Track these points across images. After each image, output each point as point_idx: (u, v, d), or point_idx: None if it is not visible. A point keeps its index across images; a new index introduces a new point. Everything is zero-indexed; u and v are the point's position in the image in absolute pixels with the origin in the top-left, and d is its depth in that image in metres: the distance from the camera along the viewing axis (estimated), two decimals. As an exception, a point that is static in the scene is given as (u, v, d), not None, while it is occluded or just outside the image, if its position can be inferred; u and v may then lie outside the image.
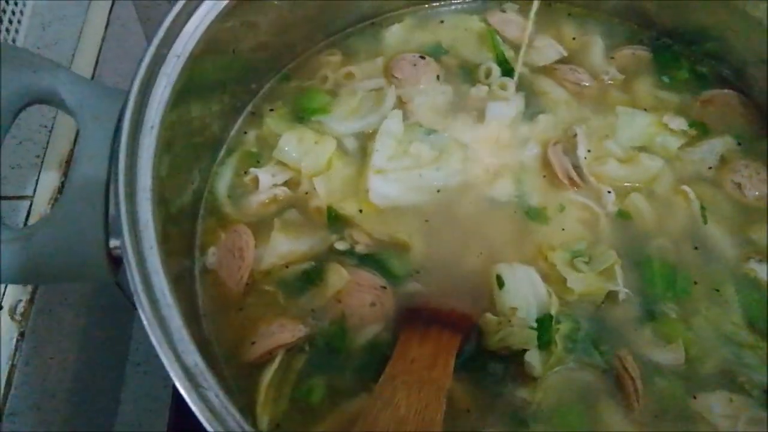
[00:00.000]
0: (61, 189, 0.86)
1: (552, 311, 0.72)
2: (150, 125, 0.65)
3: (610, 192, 0.81)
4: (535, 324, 0.71)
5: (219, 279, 0.77)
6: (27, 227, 0.83)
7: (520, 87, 0.90)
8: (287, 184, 0.83)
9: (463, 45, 0.95)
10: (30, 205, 0.85)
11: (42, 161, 0.88)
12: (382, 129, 0.84)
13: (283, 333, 0.71)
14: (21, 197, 0.85)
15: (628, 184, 0.83)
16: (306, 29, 0.92)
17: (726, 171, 0.85)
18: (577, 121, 0.87)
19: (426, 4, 1.00)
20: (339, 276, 0.75)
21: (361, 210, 0.80)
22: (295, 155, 0.83)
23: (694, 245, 0.79)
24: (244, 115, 0.89)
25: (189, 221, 0.80)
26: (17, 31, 0.98)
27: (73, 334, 0.94)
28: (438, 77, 0.91)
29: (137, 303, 0.56)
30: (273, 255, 0.77)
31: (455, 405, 0.68)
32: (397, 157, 0.82)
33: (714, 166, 0.85)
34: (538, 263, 0.76)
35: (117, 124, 0.64)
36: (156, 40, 0.68)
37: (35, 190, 0.86)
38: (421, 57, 0.92)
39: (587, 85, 0.91)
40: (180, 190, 0.76)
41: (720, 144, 0.87)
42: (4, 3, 0.94)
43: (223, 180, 0.84)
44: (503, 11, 0.98)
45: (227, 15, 0.75)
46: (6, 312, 0.80)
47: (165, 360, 0.53)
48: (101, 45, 1.03)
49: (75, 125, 0.90)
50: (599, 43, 0.95)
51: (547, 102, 0.90)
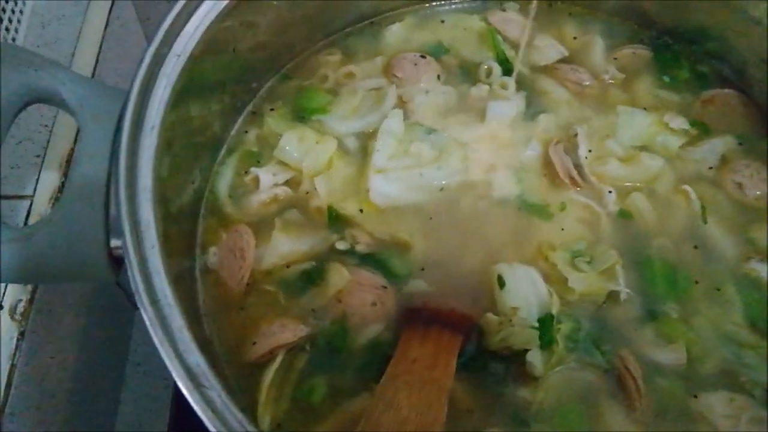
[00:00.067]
0: (62, 189, 0.86)
1: (553, 311, 0.71)
2: (150, 125, 0.65)
3: (611, 191, 0.81)
4: (537, 324, 0.70)
5: (220, 279, 0.76)
6: (27, 227, 0.82)
7: (521, 86, 0.90)
8: (288, 183, 0.83)
9: (464, 44, 0.95)
10: (30, 205, 0.85)
11: (42, 161, 0.88)
12: (382, 128, 0.84)
13: (284, 333, 0.71)
14: (21, 197, 0.85)
15: (629, 183, 0.83)
16: (305, 29, 0.92)
17: (727, 171, 0.85)
18: (578, 121, 0.87)
19: (426, 3, 1.00)
20: (340, 276, 0.75)
21: (362, 209, 0.80)
22: (296, 155, 0.83)
23: (694, 245, 0.79)
24: (244, 115, 0.89)
25: (190, 221, 0.80)
26: (17, 31, 0.98)
27: (73, 334, 0.94)
28: (439, 77, 0.91)
29: (139, 303, 0.56)
30: (274, 255, 0.77)
31: (457, 405, 0.68)
32: (398, 157, 0.82)
33: (715, 165, 0.85)
34: (539, 263, 0.76)
35: (117, 124, 0.64)
36: (156, 39, 0.68)
37: (35, 189, 0.86)
38: (422, 56, 0.92)
39: (588, 85, 0.91)
40: (180, 189, 0.76)
41: (721, 143, 0.86)
42: (3, 2, 0.94)
43: (224, 180, 0.84)
44: (504, 10, 0.98)
45: (227, 15, 0.74)
46: (6, 312, 0.79)
47: (167, 360, 0.53)
48: (101, 44, 1.03)
49: (75, 125, 0.90)
50: (600, 43, 0.95)
51: (548, 101, 0.89)
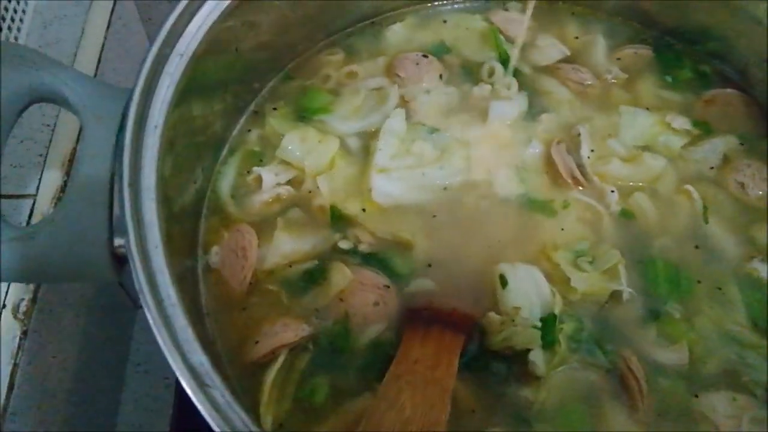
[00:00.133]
0: (64, 188, 0.86)
1: (556, 311, 0.71)
2: (154, 125, 0.64)
3: (613, 191, 0.81)
4: (539, 323, 0.70)
5: (222, 278, 0.76)
6: (30, 226, 0.83)
7: (523, 86, 0.90)
8: (290, 183, 0.83)
9: (466, 44, 0.95)
10: (33, 204, 0.85)
11: (45, 160, 0.88)
12: (384, 128, 0.84)
13: (287, 332, 0.71)
14: (23, 196, 0.85)
15: (631, 183, 0.83)
16: (307, 29, 0.92)
17: (729, 170, 0.85)
18: (581, 121, 0.87)
19: (428, 3, 1.00)
20: (342, 275, 0.75)
21: (364, 209, 0.80)
22: (299, 154, 0.83)
23: (696, 245, 0.79)
24: (246, 114, 0.89)
25: (192, 220, 0.79)
26: (19, 30, 0.98)
27: (74, 333, 0.94)
28: (441, 76, 0.91)
29: (143, 302, 0.55)
30: (276, 254, 0.77)
31: (459, 405, 0.67)
32: (400, 156, 0.82)
33: (716, 165, 0.85)
34: (541, 263, 0.76)
35: (121, 123, 0.64)
36: (159, 39, 0.68)
37: (38, 188, 0.86)
38: (424, 56, 0.92)
39: (590, 84, 0.91)
40: (183, 189, 0.76)
41: (723, 143, 0.86)
42: (6, 2, 0.94)
43: (226, 179, 0.84)
44: (506, 10, 0.98)
45: (229, 15, 0.74)
46: (9, 311, 0.79)
47: (171, 360, 0.53)
48: (103, 44, 1.03)
49: (77, 124, 0.90)
50: (602, 43, 0.95)
51: (550, 101, 0.89)
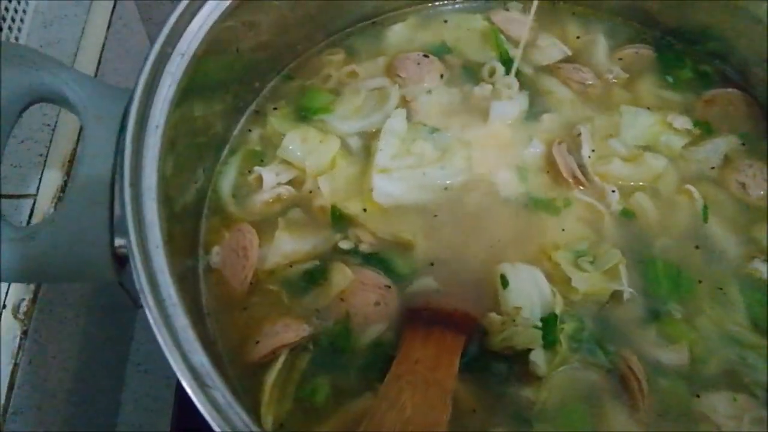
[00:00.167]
0: (65, 188, 0.86)
1: (557, 311, 0.71)
2: (155, 125, 0.64)
3: (614, 191, 0.81)
4: (540, 324, 0.70)
5: (223, 278, 0.76)
6: (30, 226, 0.83)
7: (524, 86, 0.90)
8: (291, 183, 0.82)
9: (467, 44, 0.95)
10: (33, 204, 0.85)
11: (45, 160, 0.88)
12: (385, 128, 0.83)
13: (287, 332, 0.71)
14: (24, 196, 0.85)
15: (632, 183, 0.83)
16: (307, 29, 0.92)
17: (730, 170, 0.84)
18: (581, 120, 0.87)
19: (429, 3, 0.99)
20: (343, 275, 0.74)
21: (365, 209, 0.80)
22: (299, 154, 0.83)
23: (697, 245, 0.79)
24: (247, 114, 0.89)
25: (193, 220, 0.79)
26: (20, 30, 0.98)
27: (74, 333, 0.94)
28: (442, 76, 0.91)
29: (144, 302, 0.55)
30: (277, 254, 0.77)
31: (460, 405, 0.67)
32: (401, 156, 0.82)
33: (717, 165, 0.85)
34: (542, 263, 0.76)
35: (122, 123, 0.64)
36: (160, 38, 0.68)
37: (38, 188, 0.86)
38: (425, 56, 0.92)
39: (591, 84, 0.91)
40: (184, 189, 0.75)
41: (724, 143, 0.86)
42: (6, 2, 0.94)
43: (227, 179, 0.84)
44: (507, 10, 0.98)
45: (230, 15, 0.74)
46: (9, 311, 0.79)
47: (171, 360, 0.53)
48: (103, 44, 1.03)
49: (77, 124, 0.90)
50: (603, 43, 0.95)
51: (551, 101, 0.89)
